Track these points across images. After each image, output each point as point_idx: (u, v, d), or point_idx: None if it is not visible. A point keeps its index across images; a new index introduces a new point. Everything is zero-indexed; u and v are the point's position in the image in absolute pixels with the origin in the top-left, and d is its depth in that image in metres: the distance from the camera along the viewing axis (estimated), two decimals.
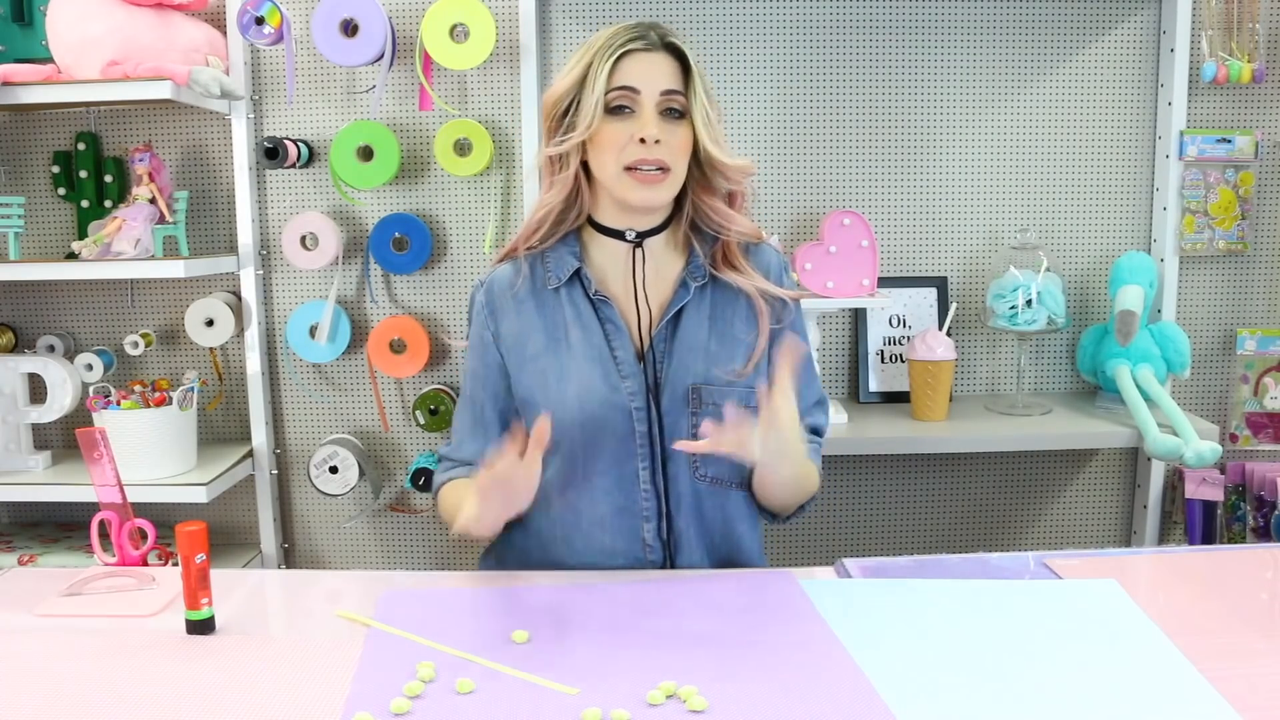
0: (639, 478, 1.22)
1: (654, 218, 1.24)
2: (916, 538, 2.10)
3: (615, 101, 1.17)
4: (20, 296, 2.06)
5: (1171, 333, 1.90)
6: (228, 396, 2.07)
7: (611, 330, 1.23)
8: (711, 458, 1.22)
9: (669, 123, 1.18)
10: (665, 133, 1.17)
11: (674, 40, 1.19)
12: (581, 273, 1.24)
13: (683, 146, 1.18)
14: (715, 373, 1.22)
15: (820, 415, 1.31)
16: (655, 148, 1.16)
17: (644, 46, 1.18)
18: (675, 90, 1.18)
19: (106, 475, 1.13)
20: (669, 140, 1.17)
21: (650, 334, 1.23)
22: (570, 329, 1.24)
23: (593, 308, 1.24)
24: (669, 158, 1.17)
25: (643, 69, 1.17)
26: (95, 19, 1.71)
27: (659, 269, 1.26)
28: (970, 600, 1.07)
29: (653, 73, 1.17)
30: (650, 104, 1.17)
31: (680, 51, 1.19)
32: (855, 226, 1.85)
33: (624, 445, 1.21)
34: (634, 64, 1.17)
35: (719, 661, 0.93)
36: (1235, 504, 1.98)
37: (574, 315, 1.24)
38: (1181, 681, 0.89)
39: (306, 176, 1.99)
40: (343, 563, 2.12)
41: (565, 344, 1.23)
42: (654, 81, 1.17)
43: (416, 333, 1.97)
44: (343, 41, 1.83)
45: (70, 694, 0.88)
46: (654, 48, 1.18)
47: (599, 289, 1.24)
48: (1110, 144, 2.00)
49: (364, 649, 0.97)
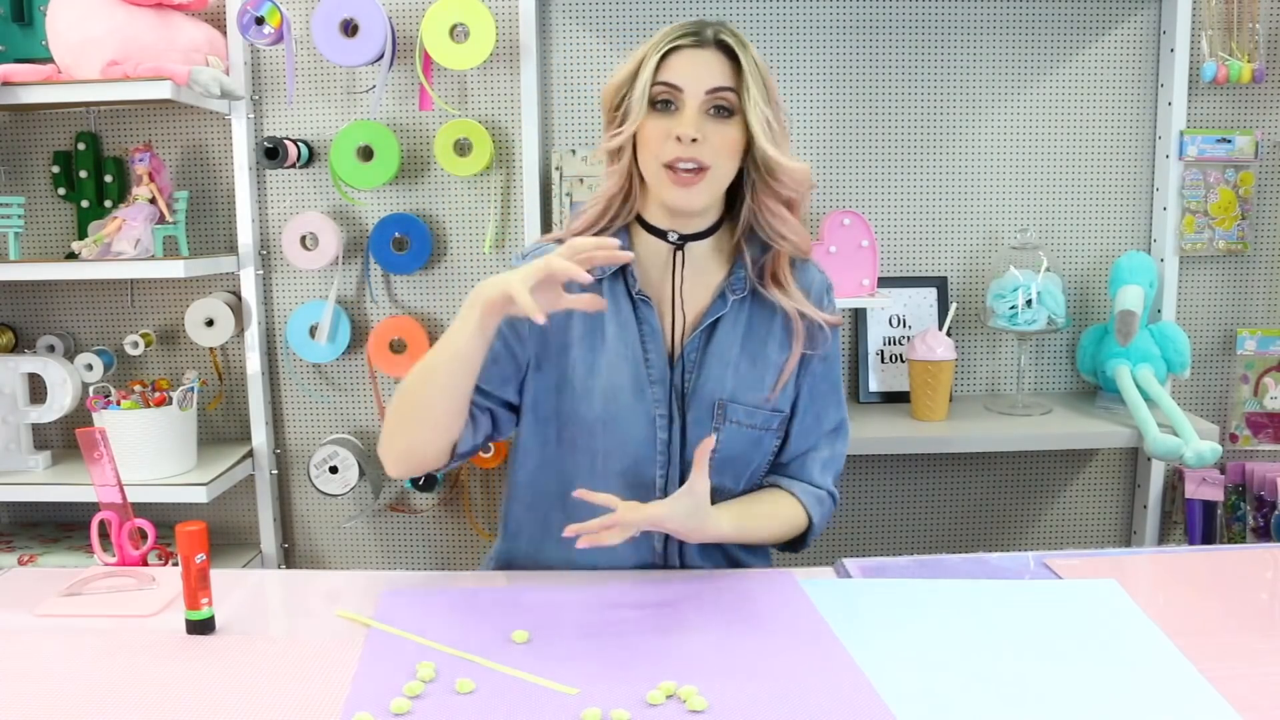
0: (655, 484, 1.21)
1: (699, 221, 1.21)
2: (916, 538, 2.10)
3: (659, 96, 1.15)
4: (20, 296, 2.06)
5: (1171, 333, 1.90)
6: (228, 396, 2.07)
7: (647, 332, 1.21)
8: (728, 468, 1.22)
9: (715, 121, 1.15)
10: (708, 131, 1.14)
11: (725, 38, 1.16)
12: (628, 269, 1.22)
13: (727, 146, 1.15)
14: (741, 392, 1.21)
15: (838, 442, 1.29)
16: (693, 146, 1.13)
17: (693, 43, 1.15)
18: (723, 87, 1.14)
19: (106, 475, 1.13)
20: (711, 139, 1.14)
21: (684, 341, 1.22)
22: (608, 324, 1.21)
23: (632, 306, 1.22)
24: (709, 157, 1.14)
25: (689, 65, 1.15)
26: (95, 19, 1.71)
27: (700, 275, 1.23)
28: (970, 600, 1.07)
29: (699, 70, 1.14)
30: (694, 101, 1.14)
31: (732, 50, 1.16)
32: (855, 226, 1.85)
33: (643, 450, 1.20)
34: (681, 60, 1.15)
35: (719, 661, 0.93)
36: (1235, 504, 1.98)
37: (613, 311, 1.22)
38: (1181, 681, 0.89)
39: (306, 176, 1.99)
40: (343, 563, 2.12)
41: (600, 337, 1.21)
42: (699, 79, 1.14)
43: (416, 333, 1.97)
44: (343, 41, 1.83)
45: (70, 694, 0.88)
46: (704, 44, 1.15)
47: (641, 289, 1.22)
48: (1110, 144, 2.00)
49: (364, 649, 0.97)
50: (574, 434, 1.22)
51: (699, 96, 1.14)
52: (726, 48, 1.16)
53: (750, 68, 1.15)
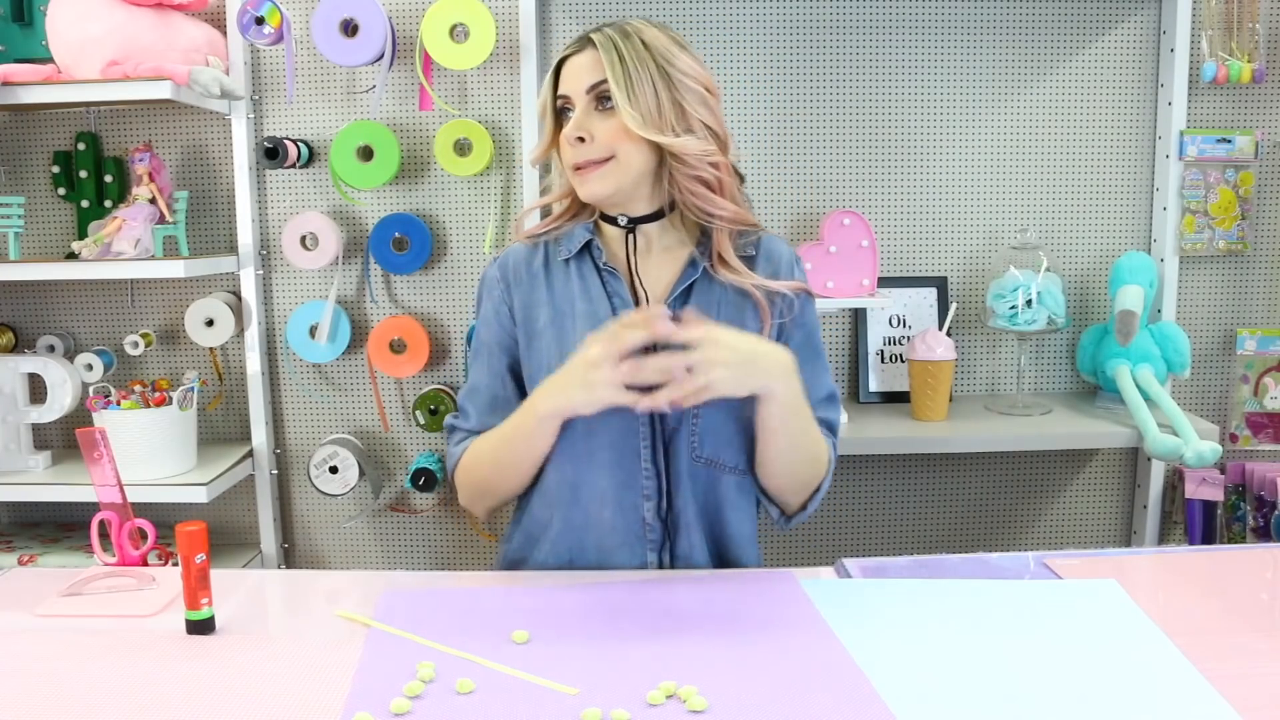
0: (640, 455, 1.22)
1: (638, 206, 1.24)
2: (916, 538, 2.10)
3: (561, 108, 1.23)
4: (20, 296, 2.06)
5: (1171, 333, 1.90)
6: (228, 396, 2.07)
7: (619, 304, 1.23)
8: (709, 439, 1.22)
9: (599, 113, 1.19)
10: (593, 125, 1.19)
11: (600, 35, 1.19)
12: (592, 244, 1.26)
13: (612, 133, 1.18)
14: None
15: (831, 410, 1.29)
16: (581, 145, 1.19)
17: (576, 49, 1.21)
18: (597, 82, 1.19)
19: (106, 475, 1.13)
20: (596, 132, 1.18)
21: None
22: (576, 301, 1.24)
23: (600, 281, 1.25)
24: (599, 151, 1.19)
25: (571, 71, 1.21)
26: (95, 19, 1.71)
27: (667, 254, 1.26)
28: (970, 600, 1.07)
29: (578, 72, 1.20)
30: (580, 102, 1.20)
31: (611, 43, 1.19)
32: (855, 226, 1.85)
33: (626, 423, 1.20)
34: (568, 69, 1.21)
35: (719, 661, 0.93)
36: (1235, 504, 1.98)
37: (580, 289, 1.25)
38: (1181, 681, 0.89)
39: (306, 176, 1.99)
40: (343, 563, 2.12)
41: (571, 316, 1.23)
42: (578, 80, 1.20)
43: (416, 333, 1.97)
44: (343, 41, 1.83)
45: (70, 694, 0.88)
46: (585, 46, 1.21)
47: (608, 260, 1.25)
48: (1110, 144, 2.00)
49: (364, 649, 0.97)
50: None
51: (582, 97, 1.20)
52: (605, 43, 1.19)
53: (614, 54, 1.17)
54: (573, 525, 1.24)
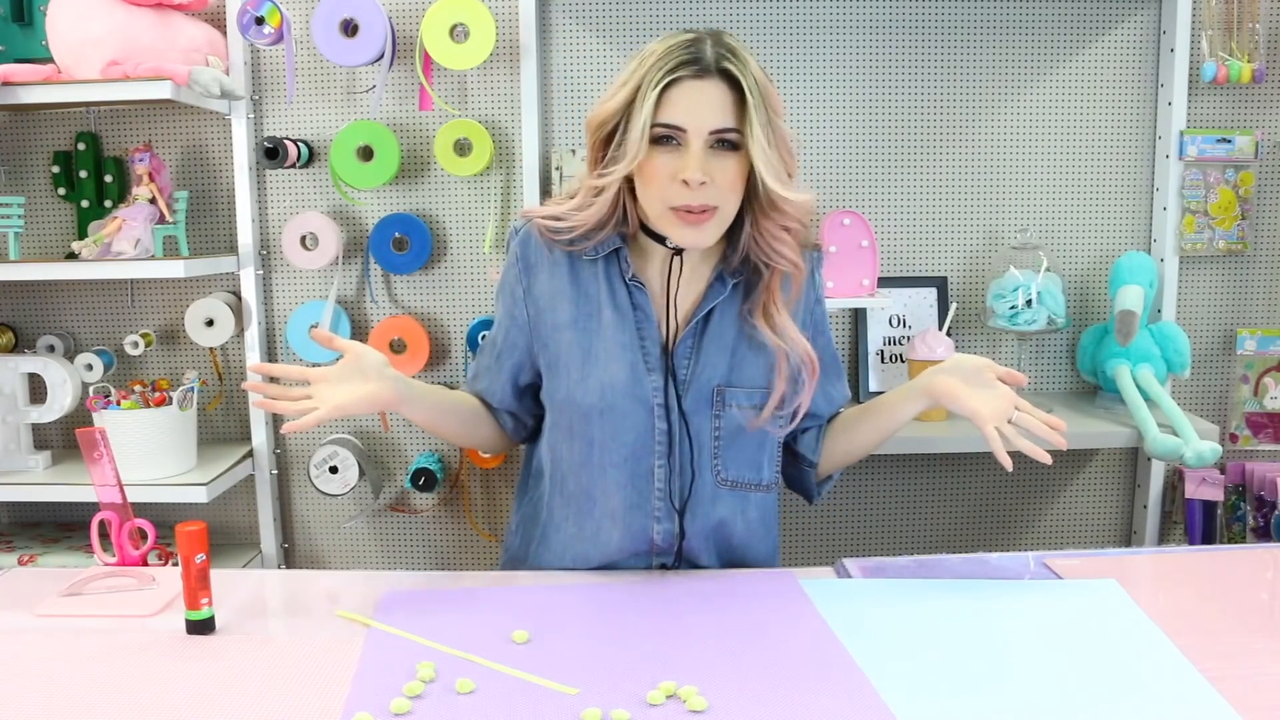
0: (654, 475, 1.20)
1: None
2: (916, 538, 2.10)
3: (660, 135, 1.10)
4: (20, 296, 2.06)
5: (1171, 333, 1.90)
6: (228, 396, 2.07)
7: (643, 319, 1.20)
8: (733, 462, 1.21)
9: (719, 156, 1.10)
10: (712, 168, 1.09)
11: (729, 65, 1.09)
12: (621, 253, 1.20)
13: (733, 182, 1.11)
14: (738, 376, 1.21)
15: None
16: (700, 190, 1.09)
17: (694, 73, 1.08)
18: (728, 129, 1.09)
19: (106, 475, 1.13)
20: (716, 178, 1.10)
21: (679, 332, 1.21)
22: (603, 308, 1.20)
23: (627, 291, 1.20)
24: (715, 197, 1.10)
25: (690, 103, 1.08)
26: (95, 19, 1.71)
27: (692, 271, 1.22)
28: (970, 600, 1.07)
29: (701, 108, 1.08)
30: (698, 141, 1.09)
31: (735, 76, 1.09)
32: (855, 226, 1.85)
33: (642, 440, 1.19)
34: (681, 95, 1.08)
35: (719, 661, 0.93)
36: (1235, 504, 1.98)
37: (608, 294, 1.20)
38: (1181, 681, 0.89)
39: (306, 176, 1.99)
40: (343, 563, 2.12)
41: (597, 323, 1.20)
42: (702, 118, 1.09)
43: (416, 333, 1.97)
44: (343, 41, 1.83)
45: (70, 694, 0.88)
46: (706, 73, 1.09)
47: (636, 273, 1.20)
48: (1110, 144, 2.00)
49: (364, 649, 0.97)
50: (569, 420, 1.21)
51: (703, 136, 1.09)
52: (728, 75, 1.09)
53: (754, 98, 1.09)
54: (584, 534, 1.23)
